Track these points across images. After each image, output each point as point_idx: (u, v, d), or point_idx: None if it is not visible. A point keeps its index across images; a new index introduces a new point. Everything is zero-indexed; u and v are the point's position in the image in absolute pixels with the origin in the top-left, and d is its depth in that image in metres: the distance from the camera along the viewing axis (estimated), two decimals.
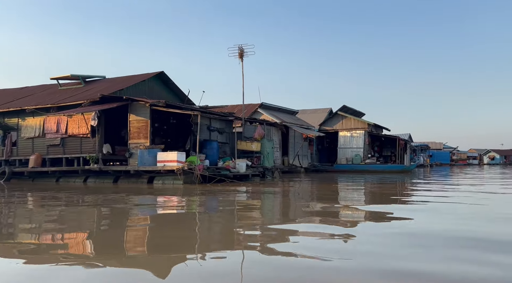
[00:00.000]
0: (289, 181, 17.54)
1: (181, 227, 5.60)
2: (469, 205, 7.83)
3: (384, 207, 8.01)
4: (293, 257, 3.61)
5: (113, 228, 5.57)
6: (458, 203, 8.27)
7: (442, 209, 7.38)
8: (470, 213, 6.79)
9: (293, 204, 8.76)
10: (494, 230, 5.01)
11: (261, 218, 6.61)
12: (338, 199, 9.80)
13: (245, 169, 17.17)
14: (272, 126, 21.29)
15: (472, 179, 19.63)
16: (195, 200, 9.57)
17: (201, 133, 19.47)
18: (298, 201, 9.16)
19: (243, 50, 20.07)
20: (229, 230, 5.49)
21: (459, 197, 9.59)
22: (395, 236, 4.66)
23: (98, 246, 4.38)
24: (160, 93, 20.02)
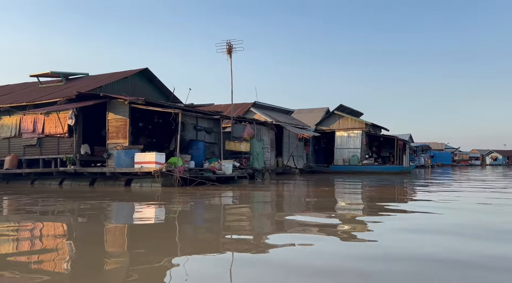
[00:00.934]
0: (279, 183, 16.60)
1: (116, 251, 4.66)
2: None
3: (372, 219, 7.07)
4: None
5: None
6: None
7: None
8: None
9: (272, 215, 7.13)
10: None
11: (218, 238, 5.63)
12: (323, 207, 8.85)
13: (231, 171, 16.25)
14: (262, 126, 20.34)
15: (475, 181, 18.64)
16: (151, 210, 8.64)
17: (187, 133, 18.61)
18: (279, 210, 7.97)
19: (232, 46, 19.20)
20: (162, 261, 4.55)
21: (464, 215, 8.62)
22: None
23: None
24: (144, 91, 19.12)
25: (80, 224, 6.13)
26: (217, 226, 5.90)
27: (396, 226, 5.66)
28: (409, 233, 5.02)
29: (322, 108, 35.99)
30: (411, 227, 5.53)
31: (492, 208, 7.93)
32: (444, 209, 7.64)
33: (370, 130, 31.86)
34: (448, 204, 8.47)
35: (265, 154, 20.65)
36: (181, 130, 18.16)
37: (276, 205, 8.75)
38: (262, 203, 9.22)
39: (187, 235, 5.27)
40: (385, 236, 4.92)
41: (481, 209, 7.82)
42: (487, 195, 10.86)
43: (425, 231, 5.17)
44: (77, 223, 6.16)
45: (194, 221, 6.59)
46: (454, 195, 10.73)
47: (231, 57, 19.33)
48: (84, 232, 5.53)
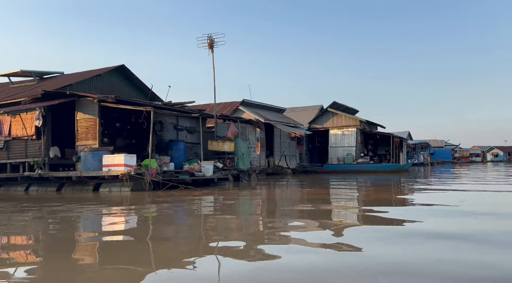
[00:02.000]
0: (265, 185, 15.54)
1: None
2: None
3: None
4: None
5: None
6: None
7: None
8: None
9: (237, 228, 5.61)
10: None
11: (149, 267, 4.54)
12: (306, 217, 7.75)
13: (211, 172, 15.17)
14: (247, 124, 19.25)
15: (477, 178, 17.56)
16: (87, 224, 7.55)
17: (166, 133, 17.56)
18: (253, 221, 6.47)
19: (213, 40, 18.14)
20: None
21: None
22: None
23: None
24: (121, 89, 18.06)
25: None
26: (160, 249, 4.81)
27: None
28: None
29: (316, 106, 34.88)
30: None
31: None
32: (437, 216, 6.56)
33: (365, 127, 30.77)
34: (445, 208, 7.38)
35: (251, 154, 19.57)
36: (160, 130, 17.20)
37: (248, 215, 7.65)
38: (233, 212, 8.14)
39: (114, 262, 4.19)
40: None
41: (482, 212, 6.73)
42: (491, 199, 9.78)
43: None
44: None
45: (131, 246, 5.51)
46: (455, 198, 9.65)
47: (212, 52, 18.27)
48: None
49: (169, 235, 5.08)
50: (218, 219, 6.78)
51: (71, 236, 5.32)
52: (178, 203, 9.11)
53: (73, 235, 5.37)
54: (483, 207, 7.41)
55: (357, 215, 6.71)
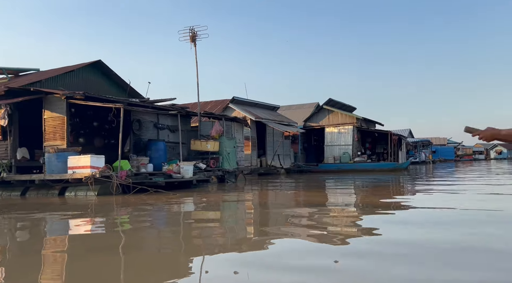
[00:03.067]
0: (251, 188, 14.51)
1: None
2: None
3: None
4: None
5: None
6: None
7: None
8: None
9: (198, 250, 4.28)
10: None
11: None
12: (281, 232, 6.69)
13: (191, 174, 14.14)
14: (233, 122, 18.18)
15: (482, 178, 16.47)
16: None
17: (145, 131, 16.55)
18: (219, 245, 4.78)
19: (196, 33, 17.12)
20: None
21: None
22: None
23: None
24: (99, 86, 17.06)
25: None
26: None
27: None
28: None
29: (312, 104, 33.79)
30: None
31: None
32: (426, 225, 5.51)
33: (362, 125, 29.65)
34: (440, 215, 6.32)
35: (238, 154, 18.51)
36: (138, 129, 16.19)
37: (217, 229, 6.57)
38: (230, 219, 7.09)
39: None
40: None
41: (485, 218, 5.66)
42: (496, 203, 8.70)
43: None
44: None
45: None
46: (454, 202, 8.59)
47: (195, 45, 17.26)
48: None
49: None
50: (168, 241, 5.69)
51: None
52: (140, 212, 8.08)
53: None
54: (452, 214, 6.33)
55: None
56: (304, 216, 6.56)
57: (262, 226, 5.94)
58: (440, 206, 7.41)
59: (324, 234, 4.91)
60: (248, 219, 6.86)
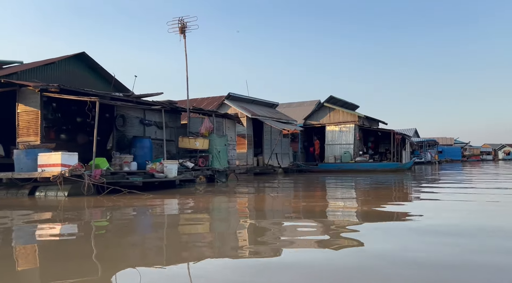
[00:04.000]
0: (241, 189, 13.60)
1: None
2: None
3: None
4: None
5: None
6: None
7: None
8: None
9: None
10: None
11: None
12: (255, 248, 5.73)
13: (175, 173, 13.24)
14: (224, 119, 17.21)
15: (481, 179, 15.42)
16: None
17: (131, 127, 15.68)
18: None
19: (185, 24, 16.19)
20: None
21: None
22: None
23: None
24: (83, 79, 16.20)
25: None
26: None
27: None
28: None
29: (313, 101, 32.75)
30: None
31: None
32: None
33: (364, 123, 28.58)
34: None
35: (230, 152, 17.57)
36: (122, 124, 15.32)
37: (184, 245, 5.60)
38: (159, 246, 6.16)
39: None
40: None
41: None
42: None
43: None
44: None
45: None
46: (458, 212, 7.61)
47: (185, 37, 16.33)
48: None
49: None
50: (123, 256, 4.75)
51: None
52: (116, 217, 7.17)
53: None
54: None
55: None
56: (285, 233, 5.62)
57: (231, 248, 4.98)
58: (443, 220, 6.44)
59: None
60: (210, 234, 5.92)
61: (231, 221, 6.52)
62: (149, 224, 6.43)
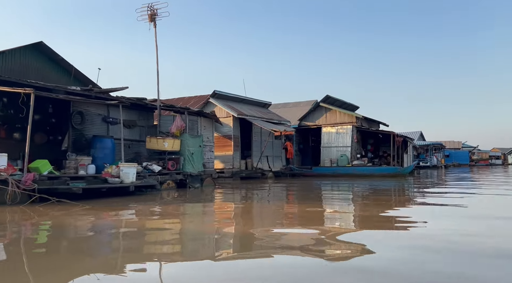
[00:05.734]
0: (216, 196, 11.91)
1: None
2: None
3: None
4: None
5: None
6: None
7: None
8: None
9: None
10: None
11: None
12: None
13: (133, 178, 11.53)
14: (200, 117, 15.44)
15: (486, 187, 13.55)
16: None
17: (91, 126, 14.02)
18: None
19: (155, 11, 14.52)
20: None
21: None
22: None
23: None
24: (41, 71, 14.57)
25: None
26: None
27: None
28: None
29: (309, 102, 30.91)
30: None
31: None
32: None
33: (362, 125, 26.69)
34: None
35: (206, 154, 15.82)
36: (80, 122, 13.66)
37: None
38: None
39: None
40: None
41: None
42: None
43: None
44: None
45: None
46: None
47: (155, 26, 14.67)
48: None
49: None
50: None
51: None
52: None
53: None
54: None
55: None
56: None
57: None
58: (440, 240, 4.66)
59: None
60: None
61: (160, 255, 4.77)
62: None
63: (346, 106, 28.52)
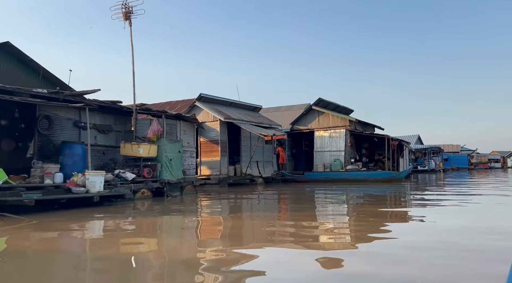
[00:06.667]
0: (194, 207, 11.00)
1: None
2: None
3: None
4: None
5: None
6: None
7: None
8: None
9: None
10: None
11: None
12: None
13: (100, 187, 10.62)
14: (179, 121, 14.52)
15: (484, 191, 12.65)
16: None
17: (60, 131, 13.08)
18: None
19: (130, 9, 13.66)
20: None
21: None
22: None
23: None
24: (9, 73, 13.66)
25: None
26: None
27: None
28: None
29: (302, 105, 30.03)
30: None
31: None
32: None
33: (356, 128, 25.78)
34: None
35: (187, 160, 14.89)
36: (47, 127, 12.73)
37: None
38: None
39: None
40: None
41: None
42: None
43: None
44: None
45: None
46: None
47: (130, 24, 13.79)
48: None
49: None
50: None
51: None
52: None
53: None
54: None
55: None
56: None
57: None
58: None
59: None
60: None
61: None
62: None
63: (340, 109, 27.65)
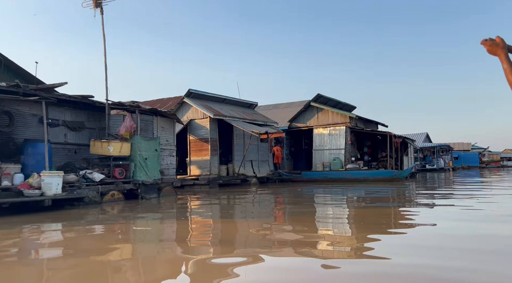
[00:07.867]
0: (170, 211, 9.92)
1: None
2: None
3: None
4: None
5: None
6: None
7: None
8: None
9: None
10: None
11: None
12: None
13: (57, 189, 9.55)
14: (156, 116, 13.39)
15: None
16: None
17: (23, 128, 12.07)
18: None
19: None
20: None
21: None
22: None
23: None
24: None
25: None
26: None
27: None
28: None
29: (302, 102, 28.69)
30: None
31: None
32: None
33: (357, 125, 24.46)
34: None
35: (165, 159, 13.77)
36: (8, 124, 11.72)
37: None
38: None
39: None
40: None
41: None
42: None
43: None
44: None
45: None
46: None
47: (102, 12, 12.74)
48: None
49: None
50: None
51: None
52: None
53: None
54: None
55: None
56: None
57: None
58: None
59: None
60: None
61: None
62: None
63: (341, 106, 26.37)
